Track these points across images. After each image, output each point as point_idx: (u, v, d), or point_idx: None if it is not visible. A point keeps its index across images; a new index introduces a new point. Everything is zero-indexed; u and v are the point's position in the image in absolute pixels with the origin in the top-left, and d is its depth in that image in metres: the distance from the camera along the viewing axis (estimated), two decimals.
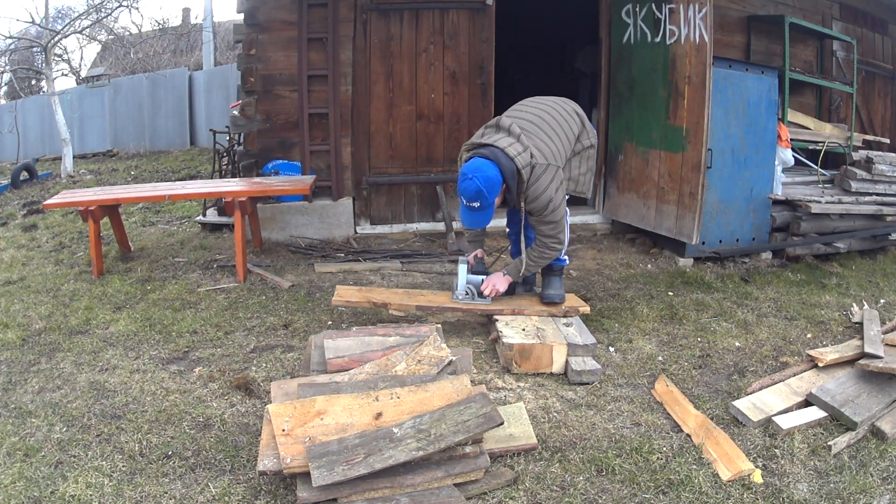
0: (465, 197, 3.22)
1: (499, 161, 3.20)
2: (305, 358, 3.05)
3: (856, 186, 5.38)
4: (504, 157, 3.21)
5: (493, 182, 3.17)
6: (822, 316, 3.99)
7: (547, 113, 3.50)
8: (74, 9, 19.75)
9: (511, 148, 3.22)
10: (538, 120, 3.45)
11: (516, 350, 3.17)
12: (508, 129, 3.31)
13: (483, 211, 3.25)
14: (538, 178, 3.26)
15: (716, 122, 4.66)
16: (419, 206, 5.90)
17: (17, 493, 2.27)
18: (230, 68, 12.26)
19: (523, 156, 3.23)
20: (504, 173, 3.20)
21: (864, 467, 2.45)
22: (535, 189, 3.27)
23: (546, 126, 3.43)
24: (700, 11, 4.49)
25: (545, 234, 3.43)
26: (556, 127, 3.46)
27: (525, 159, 3.23)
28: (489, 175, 3.16)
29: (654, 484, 2.35)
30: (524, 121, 3.42)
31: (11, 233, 6.47)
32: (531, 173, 3.26)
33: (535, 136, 3.36)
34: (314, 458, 2.13)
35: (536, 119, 3.45)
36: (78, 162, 11.75)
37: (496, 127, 3.38)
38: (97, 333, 3.67)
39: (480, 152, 3.27)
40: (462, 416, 2.33)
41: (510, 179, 3.23)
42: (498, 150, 3.23)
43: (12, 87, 17.13)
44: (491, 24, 5.69)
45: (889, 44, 7.32)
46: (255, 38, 5.41)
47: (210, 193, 5.41)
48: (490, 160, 3.20)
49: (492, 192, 3.18)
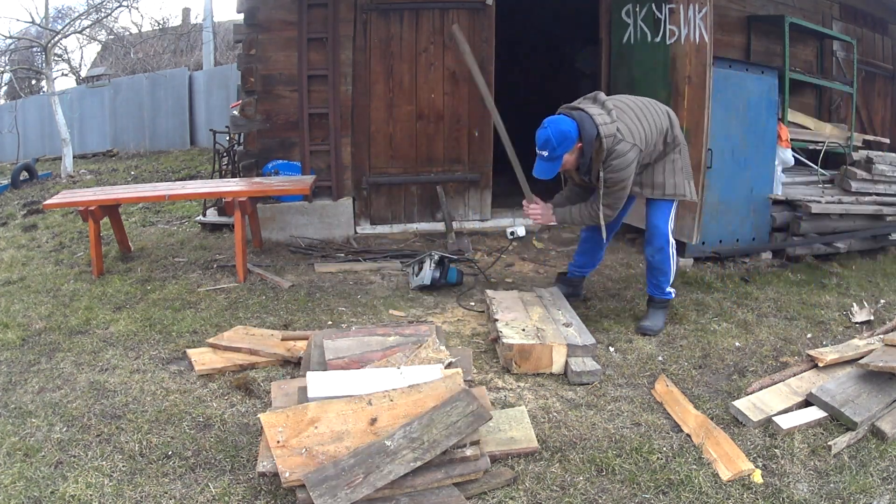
0: (537, 144, 3.34)
1: (582, 123, 3.31)
2: (305, 358, 3.05)
3: (856, 186, 5.37)
4: (590, 122, 3.31)
5: (564, 135, 3.28)
6: (822, 316, 3.99)
7: (642, 103, 3.59)
8: (74, 9, 19.75)
9: (599, 117, 3.33)
10: (633, 105, 3.53)
11: (516, 350, 3.16)
12: (603, 103, 3.42)
13: (550, 162, 3.34)
14: (624, 154, 3.33)
15: (716, 122, 4.66)
16: (419, 206, 5.90)
17: (17, 493, 2.27)
18: (230, 68, 12.25)
19: (608, 126, 3.31)
20: (583, 135, 3.31)
21: (864, 467, 2.44)
22: (620, 163, 3.34)
23: (639, 112, 3.50)
24: (700, 11, 4.49)
25: (604, 203, 3.47)
26: (648, 116, 3.51)
27: (610, 130, 3.31)
28: (563, 129, 3.29)
29: (654, 484, 2.35)
30: (619, 101, 3.53)
31: (11, 233, 6.47)
32: (615, 146, 3.32)
33: (626, 116, 3.43)
34: (314, 487, 2.09)
35: (631, 104, 3.54)
36: (78, 162, 11.75)
37: (593, 99, 3.50)
38: (97, 333, 3.67)
39: (568, 112, 3.41)
40: (450, 418, 2.31)
41: (587, 143, 3.32)
42: (586, 115, 3.34)
43: (12, 87, 17.13)
44: (491, 24, 5.69)
45: (889, 44, 7.31)
46: (255, 38, 5.41)
47: (210, 193, 5.42)
48: (573, 119, 3.33)
49: (561, 145, 3.29)
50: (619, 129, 3.33)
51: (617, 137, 3.32)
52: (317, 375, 2.58)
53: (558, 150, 3.30)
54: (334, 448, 2.26)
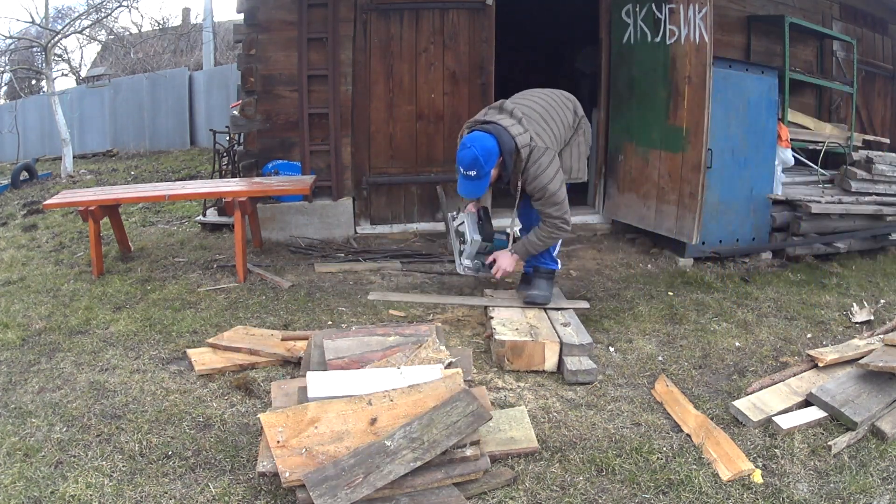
0: (462, 165, 3.41)
1: (500, 136, 3.38)
2: (305, 358, 3.04)
3: (856, 186, 5.38)
4: (506, 134, 3.39)
5: (489, 152, 3.35)
6: (822, 316, 3.99)
7: (546, 102, 3.69)
8: (74, 9, 19.73)
9: (513, 128, 3.41)
10: (538, 107, 3.63)
11: (508, 347, 3.18)
12: (511, 112, 3.50)
13: (479, 180, 3.41)
14: (538, 160, 3.42)
15: (716, 122, 4.66)
16: (419, 206, 5.90)
17: (17, 493, 2.27)
18: (230, 68, 12.26)
19: (523, 136, 3.41)
20: (502, 149, 3.38)
21: (864, 467, 2.45)
22: (536, 169, 3.42)
23: (545, 114, 3.61)
24: (700, 11, 4.49)
25: (552, 216, 3.53)
26: (555, 115, 3.63)
27: (525, 140, 3.40)
28: (487, 146, 3.36)
29: (654, 484, 2.35)
30: (525, 107, 3.60)
31: (11, 233, 6.47)
32: (530, 154, 3.41)
33: (534, 121, 3.53)
34: (314, 486, 2.09)
35: (536, 107, 3.63)
36: (78, 162, 11.75)
37: (499, 108, 3.57)
38: (97, 333, 3.67)
39: (483, 127, 3.46)
40: (451, 418, 2.31)
41: (507, 156, 3.39)
42: (500, 127, 3.42)
43: (12, 87, 17.14)
44: (491, 24, 5.69)
45: (889, 44, 7.31)
46: (255, 38, 5.41)
47: (210, 193, 5.41)
48: (491, 134, 3.40)
49: (488, 162, 3.36)
50: (531, 137, 3.43)
51: (531, 145, 3.42)
52: (317, 375, 2.57)
53: (486, 168, 3.37)
54: (334, 448, 2.26)
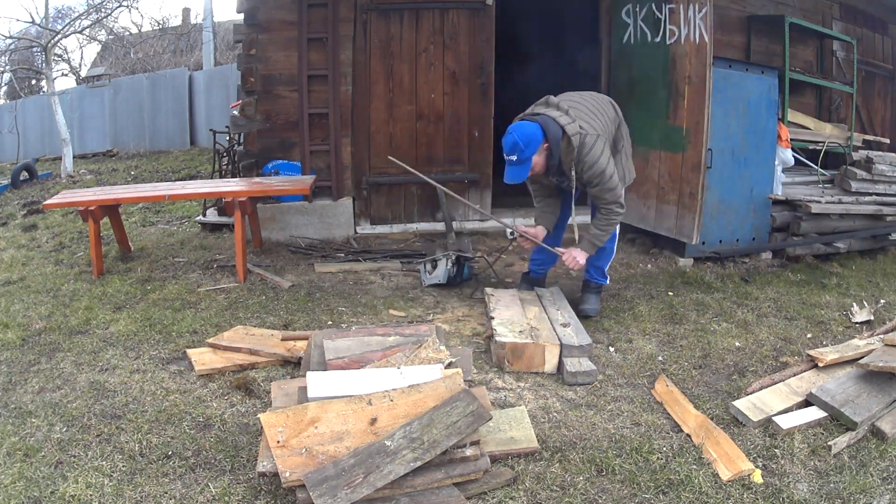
0: (504, 150, 3.45)
1: (546, 125, 3.43)
2: (305, 358, 3.05)
3: (856, 186, 5.37)
4: (553, 124, 3.44)
5: (530, 137, 3.40)
6: (822, 316, 3.99)
7: (589, 97, 3.77)
8: (74, 9, 19.73)
9: (560, 118, 3.46)
10: (583, 101, 3.69)
11: (508, 349, 3.18)
12: (557, 105, 3.55)
13: (520, 165, 3.43)
14: (592, 147, 3.46)
15: (716, 122, 4.66)
16: (419, 206, 5.90)
17: (17, 493, 2.27)
18: (230, 68, 12.25)
19: (572, 125, 3.44)
20: (548, 136, 3.43)
21: (864, 467, 2.45)
22: (591, 157, 3.46)
23: (591, 106, 3.67)
24: (700, 11, 4.48)
25: (608, 201, 3.59)
26: (598, 109, 3.69)
27: (573, 128, 3.44)
28: (528, 132, 3.41)
29: (654, 484, 2.35)
30: (570, 101, 3.65)
31: (11, 233, 6.47)
32: (582, 142, 3.44)
33: (582, 112, 3.58)
34: (314, 486, 2.09)
35: (581, 101, 3.70)
36: (78, 162, 11.75)
37: (545, 103, 3.61)
38: (97, 333, 3.67)
39: (530, 117, 3.53)
40: (451, 418, 2.32)
41: (554, 143, 3.43)
42: (548, 117, 3.47)
43: (12, 87, 17.14)
44: (491, 24, 5.69)
45: (889, 44, 7.31)
46: (255, 38, 5.41)
47: (210, 193, 5.41)
48: (536, 123, 3.46)
49: (528, 147, 3.39)
50: (580, 126, 3.48)
51: (582, 133, 3.46)
52: (317, 375, 2.58)
53: (526, 152, 3.40)
54: (334, 448, 2.26)
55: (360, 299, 4.19)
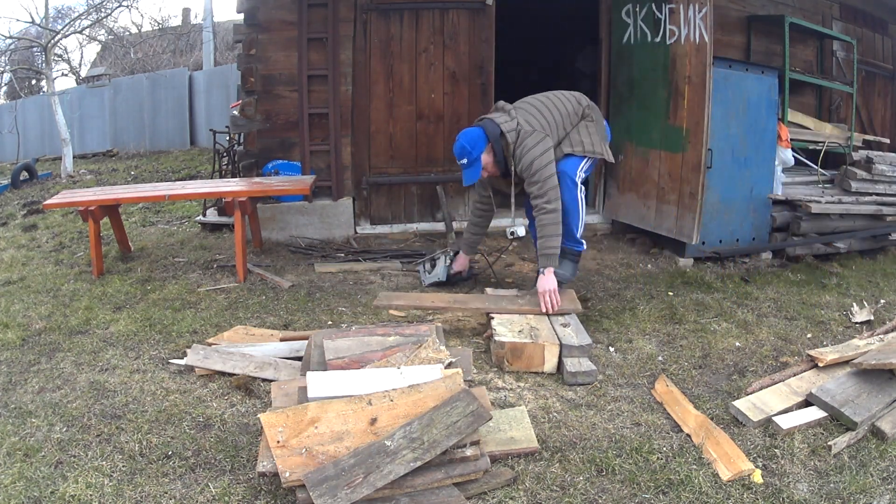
0: (456, 156, 3.84)
1: (486, 127, 3.80)
2: (305, 358, 3.05)
3: (856, 186, 5.37)
4: (491, 124, 3.79)
5: (474, 139, 3.77)
6: (822, 316, 3.99)
7: (543, 97, 4.02)
8: (74, 9, 19.71)
9: (498, 118, 3.81)
10: (533, 101, 3.98)
11: (508, 348, 3.18)
12: (502, 108, 3.91)
13: (471, 167, 3.79)
14: (523, 141, 3.75)
15: (716, 122, 4.66)
16: (419, 206, 5.90)
17: (17, 493, 2.27)
18: (230, 68, 12.26)
19: (509, 123, 3.78)
20: (488, 135, 3.77)
21: (864, 467, 2.45)
22: (522, 149, 3.74)
23: (539, 105, 3.94)
24: (700, 11, 4.49)
25: (534, 195, 3.76)
26: (550, 105, 3.94)
27: (510, 126, 3.77)
28: (472, 135, 3.80)
29: (654, 484, 2.35)
30: (521, 102, 3.99)
31: (11, 233, 6.47)
32: (517, 137, 3.75)
33: (525, 111, 3.88)
34: (314, 486, 2.09)
35: (531, 100, 3.99)
36: (78, 162, 11.76)
37: (495, 108, 3.98)
38: (97, 333, 3.67)
39: (475, 123, 3.94)
40: (451, 418, 2.31)
41: (494, 141, 3.77)
42: (488, 120, 3.84)
43: (12, 87, 17.15)
44: (491, 24, 5.69)
45: (889, 44, 7.31)
46: (255, 38, 5.41)
47: (210, 193, 5.41)
48: (479, 127, 3.84)
49: (474, 148, 3.75)
50: (519, 122, 3.77)
51: (518, 129, 3.75)
52: (317, 375, 2.57)
53: (473, 153, 3.75)
54: (334, 448, 2.26)
55: (360, 299, 4.19)
